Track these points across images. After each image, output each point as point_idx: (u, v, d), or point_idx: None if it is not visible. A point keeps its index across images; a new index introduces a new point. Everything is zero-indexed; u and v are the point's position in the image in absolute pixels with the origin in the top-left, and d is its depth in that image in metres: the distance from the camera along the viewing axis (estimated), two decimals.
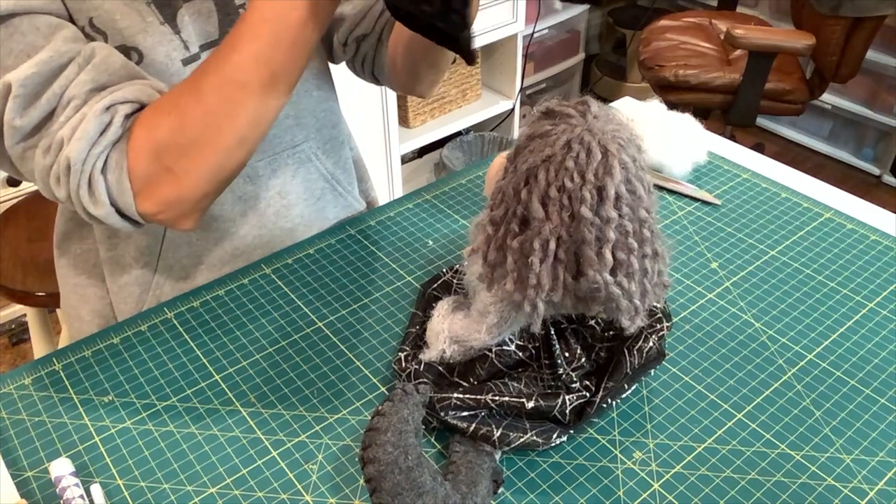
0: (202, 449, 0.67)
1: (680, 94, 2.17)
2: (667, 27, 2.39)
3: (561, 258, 0.59)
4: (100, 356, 0.76)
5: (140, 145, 0.67)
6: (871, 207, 0.96)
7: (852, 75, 2.13)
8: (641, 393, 0.71)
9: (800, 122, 2.84)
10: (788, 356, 0.75)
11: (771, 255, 0.88)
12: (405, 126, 2.27)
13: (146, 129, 0.67)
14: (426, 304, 0.76)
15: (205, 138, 0.67)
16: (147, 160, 0.67)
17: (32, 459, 0.66)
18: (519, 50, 2.34)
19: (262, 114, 0.68)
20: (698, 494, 0.63)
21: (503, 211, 0.61)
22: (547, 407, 0.65)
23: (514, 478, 0.65)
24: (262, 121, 0.69)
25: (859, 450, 0.66)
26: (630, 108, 1.09)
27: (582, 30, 2.93)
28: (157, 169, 0.68)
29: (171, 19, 0.76)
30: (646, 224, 0.60)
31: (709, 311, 0.81)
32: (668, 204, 0.96)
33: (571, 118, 0.59)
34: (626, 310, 0.61)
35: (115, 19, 0.73)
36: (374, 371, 0.74)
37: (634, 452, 0.66)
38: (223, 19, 0.80)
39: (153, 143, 0.67)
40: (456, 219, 0.95)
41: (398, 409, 0.61)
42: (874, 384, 0.72)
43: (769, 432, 0.68)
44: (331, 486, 0.64)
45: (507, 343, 0.68)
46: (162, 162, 0.67)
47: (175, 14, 0.76)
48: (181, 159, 0.67)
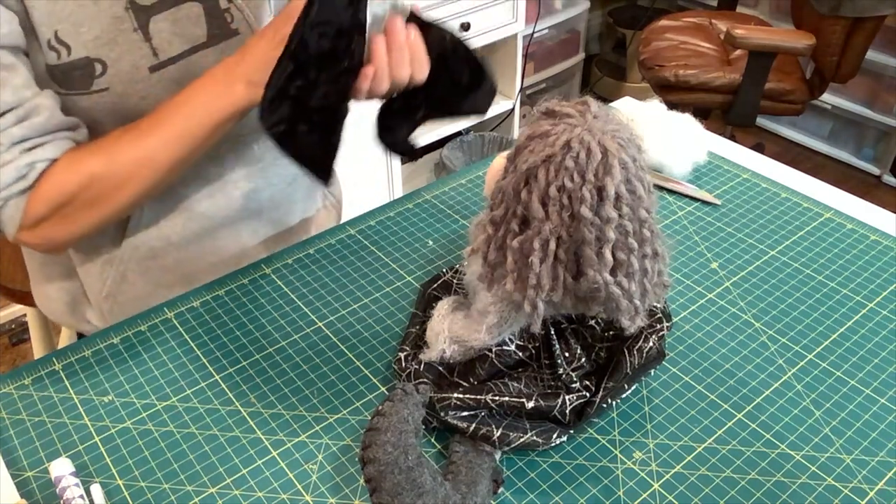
0: (202, 449, 0.67)
1: (680, 94, 2.17)
2: (667, 27, 2.39)
3: (561, 258, 0.59)
4: (100, 356, 0.76)
5: (46, 194, 0.74)
6: (871, 207, 0.96)
7: (852, 75, 2.13)
8: (641, 393, 0.71)
9: (800, 122, 2.84)
10: (788, 356, 0.75)
11: (771, 255, 0.88)
12: None
13: (57, 184, 0.74)
14: (426, 304, 0.76)
15: (107, 198, 0.75)
16: (47, 207, 0.74)
17: (32, 459, 0.66)
18: (519, 50, 2.34)
19: (165, 182, 0.78)
20: (698, 494, 0.63)
21: (503, 211, 0.61)
22: (547, 407, 0.65)
23: (514, 478, 0.65)
24: (165, 186, 0.79)
25: (859, 450, 0.66)
26: (630, 108, 1.09)
27: (582, 30, 2.92)
28: (54, 215, 0.75)
29: (145, 26, 0.77)
30: (646, 224, 0.60)
31: (709, 311, 0.81)
32: (668, 204, 0.96)
33: (571, 118, 0.59)
34: (626, 310, 0.61)
35: (80, 32, 0.74)
36: (374, 371, 0.74)
37: (634, 452, 0.66)
38: (211, 22, 0.81)
39: (59, 196, 0.74)
40: (456, 219, 0.95)
41: (398, 409, 0.61)
42: (874, 384, 0.72)
43: (769, 432, 0.68)
44: (331, 486, 0.64)
45: (507, 343, 0.68)
46: (61, 211, 0.75)
47: (148, 21, 0.77)
48: (80, 212, 0.75)
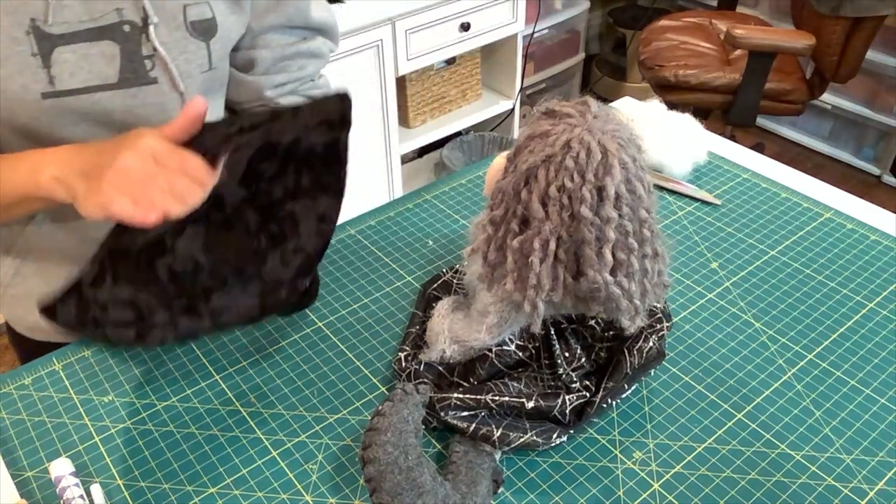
0: (202, 449, 0.67)
1: (680, 94, 2.17)
2: (667, 27, 2.39)
3: (561, 258, 0.59)
4: (100, 356, 0.76)
5: None
6: (871, 207, 0.96)
7: (852, 75, 2.13)
8: (641, 393, 0.71)
9: (800, 122, 2.84)
10: (788, 356, 0.75)
11: (771, 255, 0.88)
12: (405, 126, 2.27)
13: None
14: (426, 304, 0.76)
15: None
16: None
17: (32, 459, 0.66)
18: (519, 50, 2.34)
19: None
20: (698, 494, 0.63)
21: (503, 211, 0.61)
22: (547, 407, 0.65)
23: (514, 478, 0.65)
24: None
25: (859, 450, 0.66)
26: (630, 108, 1.09)
27: (582, 30, 2.92)
28: None
29: (47, 53, 0.74)
30: (646, 224, 0.60)
31: (709, 311, 0.81)
32: (668, 204, 0.96)
33: (571, 118, 0.59)
34: (626, 310, 0.61)
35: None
36: (374, 371, 0.74)
37: (634, 452, 0.66)
38: (126, 65, 0.78)
39: None
40: (456, 219, 0.95)
41: (398, 409, 0.61)
42: (874, 384, 0.72)
43: (769, 432, 0.68)
44: (331, 486, 0.64)
45: (507, 343, 0.68)
46: None
47: (52, 49, 0.75)
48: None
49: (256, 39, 0.90)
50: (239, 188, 0.69)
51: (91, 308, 0.68)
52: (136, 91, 0.79)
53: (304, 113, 0.72)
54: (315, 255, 0.69)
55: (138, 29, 0.77)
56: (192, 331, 0.67)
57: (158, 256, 0.68)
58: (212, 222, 0.69)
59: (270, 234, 0.69)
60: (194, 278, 0.67)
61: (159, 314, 0.67)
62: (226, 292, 0.67)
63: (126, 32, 0.77)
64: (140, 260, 0.68)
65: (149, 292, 0.67)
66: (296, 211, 0.70)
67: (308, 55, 0.94)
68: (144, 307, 0.67)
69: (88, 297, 0.68)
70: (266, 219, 0.70)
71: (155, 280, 0.67)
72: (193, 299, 0.67)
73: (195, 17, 0.80)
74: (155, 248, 0.68)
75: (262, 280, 0.68)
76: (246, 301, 0.68)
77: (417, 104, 2.24)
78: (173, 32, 0.79)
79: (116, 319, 0.67)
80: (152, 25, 0.77)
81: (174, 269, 0.67)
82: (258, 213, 0.70)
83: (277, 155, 0.70)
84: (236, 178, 0.69)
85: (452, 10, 2.03)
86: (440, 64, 2.21)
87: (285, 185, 0.70)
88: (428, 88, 2.24)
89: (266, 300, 0.68)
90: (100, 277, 0.69)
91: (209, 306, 0.67)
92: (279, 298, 0.68)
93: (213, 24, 0.82)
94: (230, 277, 0.68)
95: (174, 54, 0.79)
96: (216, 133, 0.74)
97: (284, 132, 0.70)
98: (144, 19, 0.77)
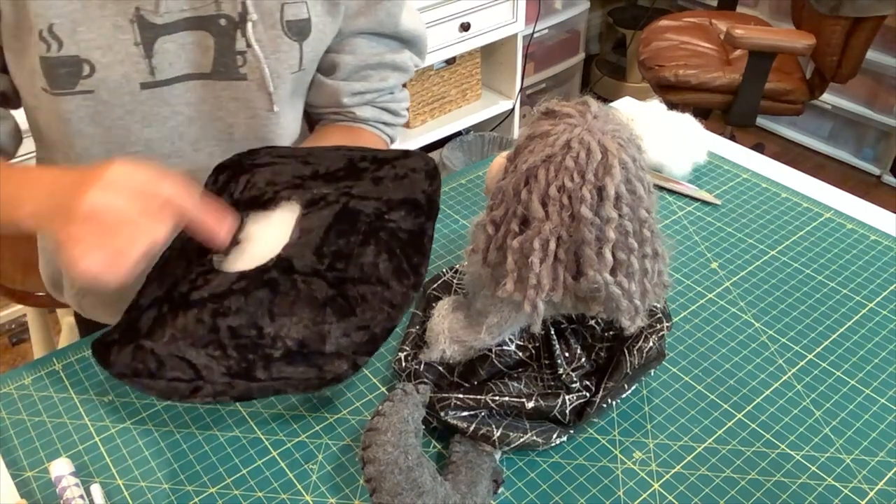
0: (202, 449, 0.67)
1: (680, 94, 2.17)
2: (667, 27, 2.39)
3: (561, 258, 0.59)
4: None
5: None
6: (871, 207, 0.96)
7: (852, 75, 2.13)
8: (641, 393, 0.71)
9: (800, 122, 2.84)
10: (788, 356, 0.75)
11: (771, 255, 0.88)
12: (405, 126, 2.27)
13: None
14: (426, 304, 0.76)
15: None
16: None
17: (32, 459, 0.66)
18: (519, 50, 2.34)
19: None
20: (698, 494, 0.63)
21: (503, 211, 0.61)
22: (547, 407, 0.65)
23: (514, 478, 0.65)
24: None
25: (859, 450, 0.66)
26: (630, 108, 1.09)
27: (582, 30, 2.92)
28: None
29: (150, 43, 0.74)
30: (646, 224, 0.60)
31: (709, 311, 0.81)
32: (668, 204, 0.96)
33: (571, 118, 0.59)
34: (626, 310, 0.61)
35: (77, 31, 0.72)
36: (374, 371, 0.74)
37: (634, 452, 0.66)
38: (218, 59, 0.78)
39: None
40: (456, 219, 0.95)
41: (398, 409, 0.61)
42: (874, 384, 0.72)
43: (769, 432, 0.68)
44: (331, 486, 0.64)
45: (507, 343, 0.68)
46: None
47: (155, 39, 0.75)
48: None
49: (343, 43, 0.88)
50: (312, 256, 0.67)
51: (147, 360, 0.66)
52: (225, 84, 0.79)
53: (386, 182, 0.69)
54: (381, 337, 0.66)
55: (234, 24, 0.77)
56: (246, 394, 0.65)
57: (221, 317, 0.66)
58: (280, 288, 0.66)
59: (338, 309, 0.67)
60: (257, 343, 0.65)
61: (217, 375, 0.65)
62: (286, 362, 0.65)
63: (222, 26, 0.76)
64: (202, 316, 0.66)
65: (208, 352, 0.66)
66: (367, 295, 0.67)
67: (392, 67, 0.91)
68: (203, 367, 0.65)
69: (146, 347, 0.67)
70: (336, 293, 0.67)
71: (216, 341, 0.66)
72: (252, 364, 0.65)
73: (292, 16, 0.79)
74: (218, 305, 0.66)
75: (322, 353, 0.66)
76: (305, 372, 0.65)
77: (418, 104, 2.24)
78: (268, 30, 0.78)
79: (173, 376, 0.65)
80: (250, 22, 0.76)
81: (237, 332, 0.66)
82: (328, 286, 0.67)
83: (357, 231, 0.67)
84: (311, 247, 0.67)
85: (452, 10, 2.03)
86: (440, 64, 2.21)
87: (362, 267, 0.68)
88: (428, 88, 2.24)
89: (324, 373, 0.65)
90: (158, 327, 0.67)
91: (268, 372, 0.65)
92: (339, 372, 0.65)
93: (308, 26, 0.80)
94: (293, 347, 0.65)
95: (266, 53, 0.78)
96: (286, 169, 0.72)
97: (365, 200, 0.67)
98: (242, 15, 0.76)
